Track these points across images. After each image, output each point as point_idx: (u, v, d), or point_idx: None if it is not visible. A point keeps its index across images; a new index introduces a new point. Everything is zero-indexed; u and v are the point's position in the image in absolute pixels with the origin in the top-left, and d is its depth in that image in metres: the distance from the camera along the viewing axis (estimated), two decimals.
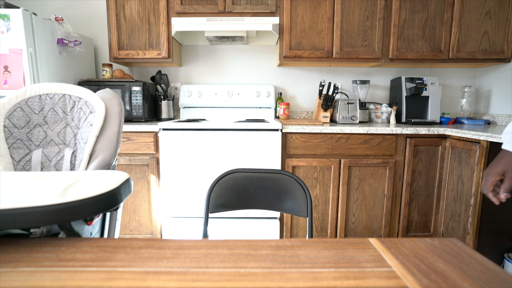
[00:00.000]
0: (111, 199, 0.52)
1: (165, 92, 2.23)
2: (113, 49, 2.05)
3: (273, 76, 2.41)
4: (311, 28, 2.02)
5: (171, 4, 2.01)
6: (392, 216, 1.90)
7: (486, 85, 2.30)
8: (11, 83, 1.67)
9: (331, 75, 2.40)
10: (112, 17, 2.02)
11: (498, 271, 0.38)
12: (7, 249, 0.44)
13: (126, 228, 1.93)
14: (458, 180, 1.71)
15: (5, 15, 1.61)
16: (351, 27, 2.01)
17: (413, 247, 0.45)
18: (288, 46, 2.03)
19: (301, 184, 0.96)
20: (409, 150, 1.83)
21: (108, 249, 0.44)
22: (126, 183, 0.57)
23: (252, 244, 0.46)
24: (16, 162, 0.89)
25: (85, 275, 0.37)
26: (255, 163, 1.80)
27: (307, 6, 1.99)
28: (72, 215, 0.47)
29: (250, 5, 1.99)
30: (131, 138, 1.83)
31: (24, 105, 0.91)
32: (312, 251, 0.44)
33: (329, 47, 2.03)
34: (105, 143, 0.90)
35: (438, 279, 0.36)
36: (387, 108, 2.27)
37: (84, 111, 0.94)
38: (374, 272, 0.38)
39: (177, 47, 2.24)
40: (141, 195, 1.89)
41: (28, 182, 0.60)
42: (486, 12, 1.98)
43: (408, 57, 2.04)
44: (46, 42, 1.79)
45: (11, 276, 0.37)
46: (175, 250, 0.44)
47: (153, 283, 0.36)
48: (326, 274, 0.38)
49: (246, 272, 0.38)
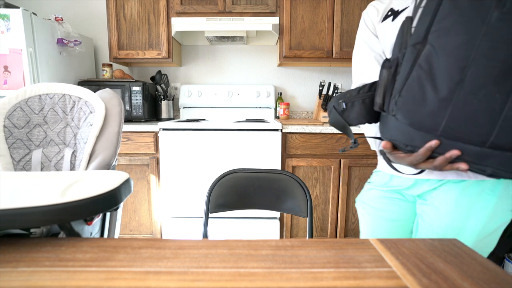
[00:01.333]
0: (111, 199, 0.52)
1: (165, 92, 2.23)
2: (113, 49, 2.05)
3: (273, 76, 2.41)
4: (311, 28, 2.02)
5: (171, 4, 2.01)
6: None
7: None
8: (11, 83, 1.67)
9: (331, 75, 2.40)
10: (112, 17, 2.02)
11: (498, 271, 0.38)
12: (7, 249, 0.44)
13: (126, 228, 1.93)
14: None
15: (5, 15, 1.61)
16: (351, 27, 2.01)
17: (413, 247, 0.45)
18: (288, 46, 2.03)
19: (301, 184, 0.96)
20: None
21: (108, 249, 0.44)
22: (126, 183, 0.57)
23: (252, 244, 0.46)
24: (16, 162, 0.89)
25: (85, 275, 0.37)
26: (255, 163, 1.80)
27: (307, 6, 1.99)
28: (72, 215, 0.47)
29: (250, 5, 1.99)
30: (131, 138, 1.83)
31: (24, 105, 0.91)
32: (312, 251, 0.44)
33: (329, 47, 2.03)
34: (105, 143, 0.90)
35: (438, 279, 0.36)
36: None
37: (84, 111, 0.94)
38: (374, 272, 0.38)
39: (177, 47, 2.24)
40: (141, 195, 1.89)
41: (28, 182, 0.60)
42: None
43: None
44: (46, 42, 1.79)
45: (11, 276, 0.37)
46: (175, 250, 0.44)
47: (153, 283, 0.36)
48: (326, 274, 0.38)
49: (246, 272, 0.38)
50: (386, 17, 0.70)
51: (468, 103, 0.45)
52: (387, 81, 0.54)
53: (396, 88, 0.51)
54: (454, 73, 0.45)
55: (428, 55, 0.47)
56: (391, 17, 0.69)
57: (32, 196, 0.53)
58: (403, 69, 0.50)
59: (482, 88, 0.44)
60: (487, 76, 0.44)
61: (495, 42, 0.43)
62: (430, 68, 0.46)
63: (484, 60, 0.43)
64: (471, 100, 0.45)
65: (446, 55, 0.45)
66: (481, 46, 0.43)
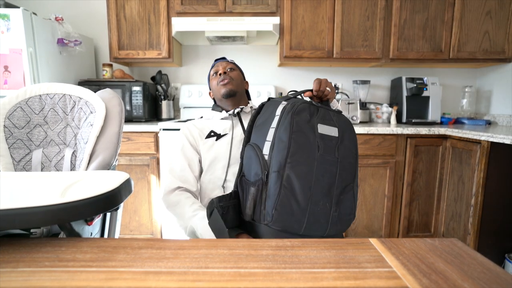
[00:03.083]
0: (111, 199, 0.52)
1: (165, 92, 2.23)
2: (113, 49, 2.05)
3: (274, 76, 2.41)
4: (311, 28, 2.02)
5: (172, 4, 2.01)
6: (392, 216, 1.90)
7: (487, 85, 2.30)
8: (11, 83, 1.67)
9: (331, 75, 2.40)
10: (112, 17, 2.02)
11: (499, 272, 0.38)
12: (7, 249, 0.44)
13: (126, 228, 1.93)
14: (458, 180, 1.71)
15: (5, 15, 1.61)
16: (352, 27, 2.01)
17: (414, 247, 0.45)
18: (289, 46, 2.03)
19: None
20: (409, 150, 1.82)
21: (108, 249, 0.44)
22: (126, 183, 0.57)
23: (252, 244, 0.46)
24: (16, 162, 0.89)
25: (85, 275, 0.37)
26: None
27: (307, 6, 1.99)
28: (72, 215, 0.47)
29: (250, 5, 1.99)
30: (131, 138, 1.83)
31: (24, 105, 0.91)
32: (312, 251, 0.44)
33: (330, 47, 2.03)
34: (105, 143, 0.90)
35: (439, 279, 0.36)
36: (388, 108, 2.27)
37: (85, 111, 0.94)
38: (374, 273, 0.38)
39: (177, 47, 2.24)
40: (141, 195, 1.89)
41: (28, 182, 0.60)
42: (487, 12, 1.98)
43: (409, 57, 2.04)
44: (46, 42, 1.79)
45: (11, 276, 0.37)
46: (175, 250, 0.44)
47: (153, 283, 0.36)
48: (327, 274, 0.37)
49: (246, 272, 0.38)
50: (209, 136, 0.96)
51: (315, 210, 0.67)
52: (256, 196, 0.71)
53: (268, 204, 0.68)
54: (306, 191, 0.66)
55: (288, 179, 0.66)
56: (214, 137, 0.96)
57: (32, 196, 0.53)
58: (273, 189, 0.67)
59: (320, 199, 0.68)
60: (321, 192, 0.68)
61: (322, 171, 0.68)
62: (291, 188, 0.66)
63: (319, 182, 0.67)
64: (316, 208, 0.67)
65: (299, 179, 0.66)
66: (316, 173, 0.67)
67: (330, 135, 0.71)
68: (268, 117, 0.77)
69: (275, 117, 0.73)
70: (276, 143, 0.69)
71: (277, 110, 0.74)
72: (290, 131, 0.68)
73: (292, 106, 0.71)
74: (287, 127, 0.69)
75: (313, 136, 0.69)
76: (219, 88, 0.99)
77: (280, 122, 0.71)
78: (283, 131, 0.69)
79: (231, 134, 0.95)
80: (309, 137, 0.69)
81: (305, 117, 0.70)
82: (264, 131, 0.75)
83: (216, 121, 1.01)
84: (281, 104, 0.75)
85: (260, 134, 0.77)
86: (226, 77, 0.99)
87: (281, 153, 0.67)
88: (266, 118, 0.78)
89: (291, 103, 0.72)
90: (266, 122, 0.76)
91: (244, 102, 1.05)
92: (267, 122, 0.76)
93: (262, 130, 0.76)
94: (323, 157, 0.68)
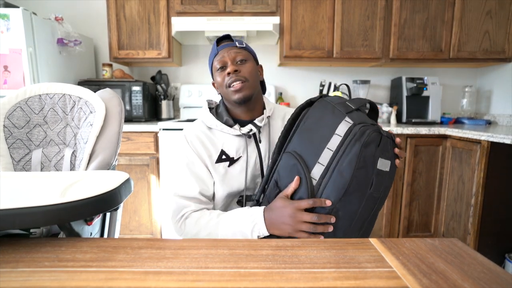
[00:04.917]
0: (111, 199, 0.52)
1: (165, 92, 2.23)
2: (113, 49, 2.05)
3: (274, 76, 2.41)
4: (311, 28, 2.02)
5: (171, 4, 2.01)
6: (392, 216, 1.90)
7: (487, 85, 2.30)
8: (11, 83, 1.67)
9: (331, 75, 2.40)
10: (112, 16, 2.02)
11: (499, 271, 0.38)
12: (7, 249, 0.44)
13: (126, 228, 1.93)
14: (458, 180, 1.71)
15: (5, 14, 1.60)
16: (352, 27, 2.01)
17: (414, 247, 0.45)
18: (289, 46, 2.03)
19: None
20: (409, 150, 1.82)
21: (108, 249, 0.44)
22: (126, 183, 0.57)
23: (252, 244, 0.46)
24: (16, 162, 0.89)
25: (85, 275, 0.37)
26: None
27: (307, 6, 1.99)
28: (72, 215, 0.47)
29: (250, 5, 1.99)
30: (131, 138, 1.83)
31: (24, 105, 0.91)
32: (312, 251, 0.44)
33: (330, 47, 2.03)
34: (105, 143, 0.90)
35: (439, 279, 0.36)
36: (388, 108, 2.26)
37: (84, 111, 0.94)
38: (374, 272, 0.38)
39: (177, 47, 2.24)
40: (141, 195, 1.89)
41: (28, 182, 0.60)
42: (487, 12, 1.98)
43: (409, 57, 2.04)
44: (46, 42, 1.79)
45: (11, 276, 0.37)
46: (175, 250, 0.44)
47: (153, 283, 0.35)
48: (327, 274, 0.37)
49: (246, 272, 0.38)
50: (219, 160, 0.81)
51: None
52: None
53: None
54: (346, 228, 0.63)
55: (335, 215, 0.62)
56: (226, 162, 0.81)
57: (32, 196, 0.52)
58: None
59: (352, 234, 0.64)
60: (355, 227, 0.63)
61: (365, 208, 0.62)
62: (334, 224, 0.63)
63: (358, 218, 0.62)
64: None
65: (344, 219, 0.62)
66: (361, 212, 0.62)
67: (384, 170, 0.61)
68: (323, 127, 0.65)
69: (334, 136, 0.62)
70: (334, 176, 0.59)
71: (339, 129, 0.62)
72: (355, 167, 0.58)
73: (361, 134, 0.59)
74: (353, 160, 0.58)
75: (371, 172, 0.60)
76: (229, 93, 0.78)
77: (345, 152, 0.59)
78: (346, 164, 0.58)
79: (245, 156, 0.80)
80: (368, 173, 0.59)
81: (372, 149, 0.59)
82: (316, 147, 0.63)
83: (225, 136, 0.82)
84: (344, 122, 0.62)
85: (310, 147, 0.65)
86: (238, 77, 0.77)
87: (337, 192, 0.59)
88: (320, 126, 0.66)
89: (360, 129, 0.60)
90: (320, 133, 0.64)
91: (259, 105, 0.85)
92: (321, 134, 0.64)
93: (313, 143, 0.65)
94: (371, 194, 0.60)
